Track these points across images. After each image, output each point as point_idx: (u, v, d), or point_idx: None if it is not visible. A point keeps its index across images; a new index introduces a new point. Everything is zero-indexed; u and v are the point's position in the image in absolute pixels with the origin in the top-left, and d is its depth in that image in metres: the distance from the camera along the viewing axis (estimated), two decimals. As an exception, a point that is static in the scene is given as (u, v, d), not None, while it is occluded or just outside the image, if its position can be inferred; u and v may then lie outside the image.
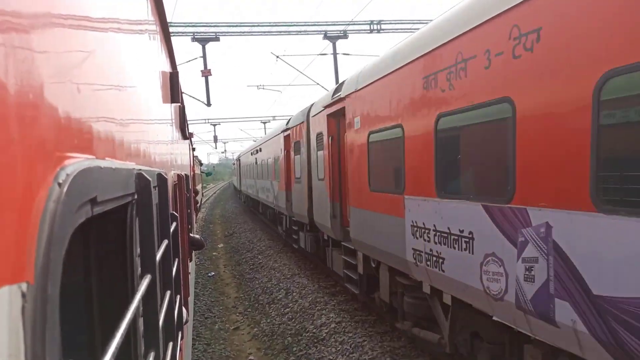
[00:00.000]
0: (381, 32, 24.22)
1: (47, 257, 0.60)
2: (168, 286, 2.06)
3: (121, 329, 0.92)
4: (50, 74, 0.73)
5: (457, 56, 5.10)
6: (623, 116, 3.37)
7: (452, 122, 5.36)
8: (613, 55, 3.23)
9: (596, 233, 3.40)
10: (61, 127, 0.76)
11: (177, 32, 22.10)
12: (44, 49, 0.72)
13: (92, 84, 1.03)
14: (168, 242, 2.02)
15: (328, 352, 8.11)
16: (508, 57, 4.29)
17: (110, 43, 1.27)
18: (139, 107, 1.77)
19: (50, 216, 0.63)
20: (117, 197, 1.08)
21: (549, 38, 3.81)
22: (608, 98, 3.32)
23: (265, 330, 10.26)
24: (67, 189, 0.68)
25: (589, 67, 3.42)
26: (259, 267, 15.95)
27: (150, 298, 1.39)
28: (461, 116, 5.12)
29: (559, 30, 3.72)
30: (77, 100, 0.88)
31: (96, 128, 1.01)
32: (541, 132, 3.94)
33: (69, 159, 0.76)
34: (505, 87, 4.35)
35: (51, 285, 0.61)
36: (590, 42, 3.43)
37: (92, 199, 0.84)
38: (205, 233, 26.03)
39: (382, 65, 7.25)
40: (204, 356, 9.23)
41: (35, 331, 0.56)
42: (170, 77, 3.51)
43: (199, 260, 18.29)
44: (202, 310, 12.19)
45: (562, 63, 3.70)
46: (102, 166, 0.92)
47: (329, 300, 10.72)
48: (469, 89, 4.91)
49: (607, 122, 3.36)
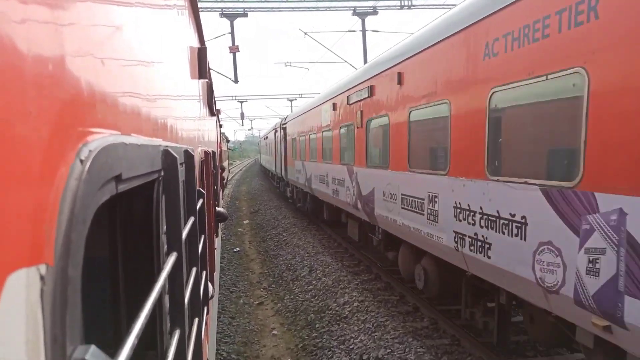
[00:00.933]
0: (412, 8, 23.59)
1: (68, 237, 0.58)
2: (194, 263, 2.06)
3: (146, 308, 0.91)
4: (75, 47, 0.70)
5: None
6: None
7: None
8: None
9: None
10: (84, 101, 0.73)
11: (206, 8, 22.05)
12: (68, 21, 0.68)
13: (118, 58, 1.00)
14: (195, 219, 2.02)
15: (350, 330, 8.17)
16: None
17: (136, 16, 1.23)
18: (166, 82, 1.75)
19: (71, 195, 0.60)
20: (143, 174, 1.05)
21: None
22: None
23: (288, 306, 10.40)
24: (89, 166, 0.65)
25: None
26: (283, 244, 16.11)
27: (176, 276, 1.38)
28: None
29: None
30: (101, 75, 0.85)
31: (122, 103, 0.98)
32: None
33: (92, 134, 0.73)
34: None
35: (72, 266, 0.58)
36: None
37: (117, 176, 0.81)
38: (231, 209, 26.39)
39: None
40: (229, 329, 9.44)
41: (55, 315, 0.54)
42: (199, 53, 3.48)
43: (225, 236, 18.60)
44: (227, 284, 12.43)
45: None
46: (127, 142, 0.89)
47: (352, 279, 10.76)
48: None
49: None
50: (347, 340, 7.87)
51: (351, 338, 7.88)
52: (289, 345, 8.48)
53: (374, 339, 7.61)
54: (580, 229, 3.84)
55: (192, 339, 1.88)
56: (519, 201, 4.71)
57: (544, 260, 4.32)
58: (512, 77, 4.77)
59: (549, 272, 4.23)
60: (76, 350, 0.58)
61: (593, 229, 3.69)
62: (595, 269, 3.65)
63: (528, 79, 4.52)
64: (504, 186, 4.97)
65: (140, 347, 1.28)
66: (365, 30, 24.41)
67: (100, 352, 0.61)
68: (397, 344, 7.26)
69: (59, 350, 0.55)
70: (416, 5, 23.81)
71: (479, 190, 5.47)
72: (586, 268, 3.75)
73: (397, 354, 6.96)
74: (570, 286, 3.94)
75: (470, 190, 5.67)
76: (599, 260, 3.61)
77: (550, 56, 4.22)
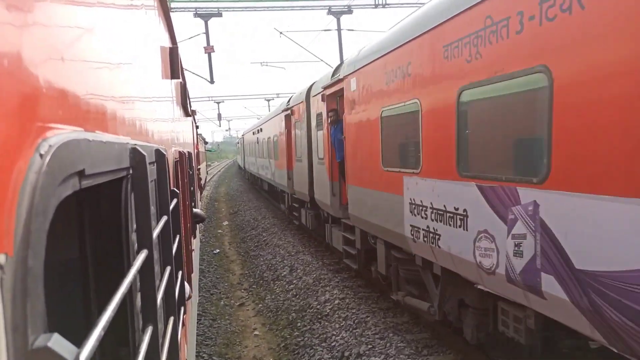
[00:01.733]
0: (386, 7, 23.78)
1: (28, 228, 0.59)
2: (168, 262, 2.06)
3: (114, 301, 0.92)
4: (35, 45, 0.71)
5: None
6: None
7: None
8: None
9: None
10: (44, 97, 0.74)
11: (179, 8, 21.81)
12: (30, 20, 0.69)
13: (80, 56, 1.00)
14: (167, 218, 2.02)
15: (332, 328, 8.22)
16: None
17: (101, 15, 1.24)
18: (135, 81, 1.74)
19: (30, 187, 0.61)
20: (109, 171, 1.06)
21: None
22: None
23: (270, 306, 10.40)
24: (49, 160, 0.67)
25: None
26: (263, 245, 16.08)
27: (147, 273, 1.39)
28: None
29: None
30: (63, 72, 0.86)
31: (85, 101, 0.99)
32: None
33: (52, 130, 0.74)
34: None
35: (33, 257, 0.59)
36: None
37: (80, 172, 0.82)
38: (210, 211, 26.19)
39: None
40: (210, 331, 9.39)
41: (16, 304, 0.55)
42: (170, 52, 3.46)
43: (204, 238, 18.46)
44: (207, 286, 12.34)
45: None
46: (90, 139, 0.90)
47: (332, 277, 10.82)
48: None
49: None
50: (328, 337, 7.92)
51: (333, 335, 7.93)
52: (271, 345, 8.49)
53: (355, 335, 7.67)
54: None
55: (168, 337, 1.88)
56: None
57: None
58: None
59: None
60: (38, 338, 0.59)
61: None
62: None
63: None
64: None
65: (113, 343, 1.29)
66: (341, 29, 24.52)
67: (63, 339, 0.62)
68: (378, 339, 7.34)
69: (20, 338, 0.56)
70: (390, 4, 24.01)
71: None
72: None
73: (378, 349, 7.04)
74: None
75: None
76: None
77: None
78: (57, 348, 0.59)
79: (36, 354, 0.58)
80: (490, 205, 4.62)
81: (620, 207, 3.21)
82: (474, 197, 4.89)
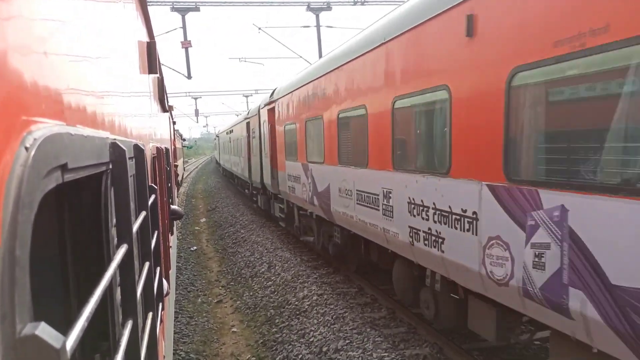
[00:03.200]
0: (365, 5, 23.87)
1: (15, 219, 0.60)
2: (147, 257, 2.06)
3: (96, 295, 0.93)
4: (15, 40, 0.72)
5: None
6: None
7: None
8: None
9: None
10: (27, 91, 0.75)
11: (156, 1, 21.45)
12: (7, 13, 0.70)
13: (60, 51, 1.01)
14: (146, 213, 2.02)
15: (310, 324, 8.27)
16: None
17: (79, 9, 1.23)
18: (113, 76, 1.74)
19: (17, 180, 0.62)
20: (90, 165, 1.07)
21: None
22: None
23: (248, 303, 10.38)
24: (34, 153, 0.68)
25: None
26: (241, 241, 16.01)
27: (127, 267, 1.39)
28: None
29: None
30: (44, 66, 0.87)
31: (66, 95, 0.99)
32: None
33: (35, 123, 0.75)
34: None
35: (20, 247, 0.61)
36: None
37: (63, 165, 0.83)
38: (187, 208, 25.91)
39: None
40: (187, 328, 9.32)
41: (4, 293, 0.57)
42: (148, 47, 3.43)
43: (181, 235, 18.27)
44: (184, 284, 12.24)
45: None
46: (72, 133, 0.91)
47: (311, 273, 10.86)
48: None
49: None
50: (307, 333, 7.96)
51: (311, 331, 7.97)
52: (249, 342, 8.48)
53: (333, 330, 7.73)
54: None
55: (147, 332, 1.89)
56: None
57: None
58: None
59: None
60: (26, 327, 0.61)
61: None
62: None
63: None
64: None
65: (94, 337, 1.29)
66: (320, 26, 24.51)
67: (50, 328, 0.63)
68: (356, 334, 7.42)
69: (8, 326, 0.57)
70: (369, 1, 24.11)
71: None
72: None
73: (356, 344, 7.11)
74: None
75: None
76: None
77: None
78: (44, 336, 0.61)
79: (24, 342, 0.59)
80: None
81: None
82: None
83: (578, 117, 3.85)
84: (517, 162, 4.18)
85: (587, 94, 3.72)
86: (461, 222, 4.94)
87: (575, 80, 3.69)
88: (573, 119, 3.90)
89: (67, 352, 0.65)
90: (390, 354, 6.61)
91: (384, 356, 6.59)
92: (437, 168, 5.55)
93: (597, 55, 3.27)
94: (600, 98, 3.60)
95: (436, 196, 5.41)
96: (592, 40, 3.26)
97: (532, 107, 4.07)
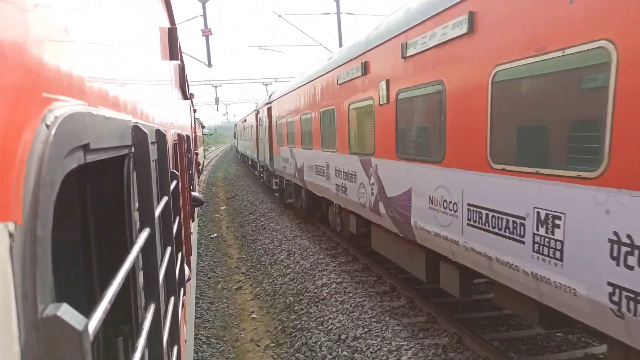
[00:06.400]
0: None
1: (36, 198, 0.59)
2: (169, 242, 2.07)
3: (118, 278, 0.92)
4: (40, 20, 0.70)
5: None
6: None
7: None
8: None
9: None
10: (49, 69, 0.73)
11: (177, -10, 21.50)
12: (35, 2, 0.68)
13: (83, 33, 0.99)
14: (168, 198, 2.02)
15: (329, 311, 8.29)
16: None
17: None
18: (134, 60, 1.73)
19: (38, 157, 0.61)
20: (112, 148, 1.06)
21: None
22: None
23: (267, 290, 10.47)
24: (55, 131, 0.66)
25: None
26: (261, 229, 16.12)
27: (149, 251, 1.39)
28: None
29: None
30: (66, 46, 0.85)
31: (88, 76, 0.98)
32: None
33: (57, 101, 0.74)
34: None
35: (41, 226, 0.59)
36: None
37: (85, 146, 0.82)
38: (208, 195, 26.19)
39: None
40: (207, 314, 9.46)
41: (25, 272, 0.55)
42: (169, 33, 3.43)
43: (201, 222, 18.49)
44: (205, 270, 12.41)
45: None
46: (94, 113, 0.90)
47: (330, 262, 10.88)
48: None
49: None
50: (325, 321, 7.99)
51: (330, 319, 8.00)
52: (268, 328, 8.57)
53: (352, 318, 7.74)
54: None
55: (169, 316, 1.90)
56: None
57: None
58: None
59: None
60: (48, 307, 0.60)
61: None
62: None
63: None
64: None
65: (116, 321, 1.29)
66: (340, 13, 24.26)
67: (72, 309, 0.62)
68: (375, 322, 7.41)
69: (30, 306, 0.56)
70: (390, -13, 23.71)
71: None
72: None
73: (375, 332, 7.11)
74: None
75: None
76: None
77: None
78: (66, 317, 0.59)
79: (46, 322, 0.58)
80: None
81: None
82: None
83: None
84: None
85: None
86: (350, 177, 9.42)
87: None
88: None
89: (90, 334, 0.64)
90: (409, 343, 6.59)
91: (402, 345, 6.57)
92: (328, 146, 10.94)
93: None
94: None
95: (341, 164, 9.99)
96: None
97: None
